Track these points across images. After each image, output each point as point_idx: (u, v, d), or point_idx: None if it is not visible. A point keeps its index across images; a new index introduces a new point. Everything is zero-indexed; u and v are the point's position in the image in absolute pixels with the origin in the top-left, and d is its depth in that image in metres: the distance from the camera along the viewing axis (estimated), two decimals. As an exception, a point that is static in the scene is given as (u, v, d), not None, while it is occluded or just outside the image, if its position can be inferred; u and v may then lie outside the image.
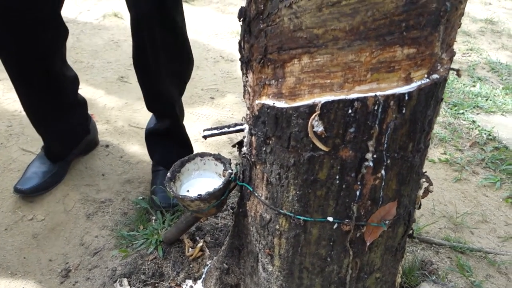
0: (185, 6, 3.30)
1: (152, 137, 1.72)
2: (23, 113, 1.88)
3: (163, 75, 1.49)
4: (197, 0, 3.47)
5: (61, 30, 1.48)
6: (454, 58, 2.53)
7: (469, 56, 2.98)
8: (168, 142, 1.70)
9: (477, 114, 2.33)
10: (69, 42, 2.67)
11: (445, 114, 2.30)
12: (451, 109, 2.35)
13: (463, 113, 2.31)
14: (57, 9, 1.41)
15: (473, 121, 2.25)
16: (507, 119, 2.30)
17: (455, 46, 2.93)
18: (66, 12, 2.97)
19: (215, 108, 2.28)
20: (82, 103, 1.77)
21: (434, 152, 2.05)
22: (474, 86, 2.60)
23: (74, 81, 1.68)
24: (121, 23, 2.99)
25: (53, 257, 1.45)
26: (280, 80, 0.82)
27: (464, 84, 2.60)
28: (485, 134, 2.16)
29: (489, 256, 1.55)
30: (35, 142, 1.90)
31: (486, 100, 2.45)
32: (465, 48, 3.08)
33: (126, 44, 2.76)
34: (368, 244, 0.92)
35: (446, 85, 2.25)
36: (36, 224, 1.55)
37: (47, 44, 1.43)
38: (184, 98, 2.25)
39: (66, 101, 1.64)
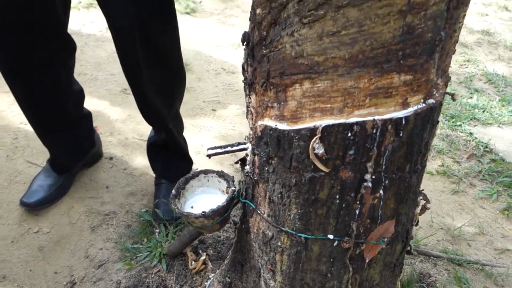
0: (187, 18, 3.36)
1: (152, 149, 1.75)
2: (29, 126, 1.91)
3: (149, 90, 1.50)
4: (199, 12, 3.52)
5: (64, 41, 1.51)
6: (451, 69, 2.57)
7: (466, 67, 3.02)
8: (167, 154, 1.73)
9: (474, 126, 2.36)
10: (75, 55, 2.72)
11: (442, 126, 2.34)
12: (448, 121, 2.38)
13: (460, 125, 2.35)
14: (57, 18, 1.42)
15: (470, 133, 2.29)
16: (503, 131, 2.33)
17: (453, 58, 2.97)
18: (70, 24, 3.01)
19: (216, 120, 2.32)
20: (87, 116, 1.80)
21: (432, 164, 2.08)
22: (471, 97, 2.64)
23: (80, 94, 1.72)
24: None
25: (58, 269, 1.47)
26: (282, 103, 0.85)
27: (461, 96, 2.64)
28: (482, 146, 2.20)
29: (486, 269, 1.58)
30: (41, 155, 1.93)
31: (483, 112, 2.49)
32: (462, 60, 3.12)
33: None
34: (367, 260, 0.95)
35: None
36: (41, 236, 1.58)
37: (49, 53, 1.45)
38: (186, 110, 2.30)
39: (72, 114, 1.67)
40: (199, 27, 3.30)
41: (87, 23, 3.09)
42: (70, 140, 1.71)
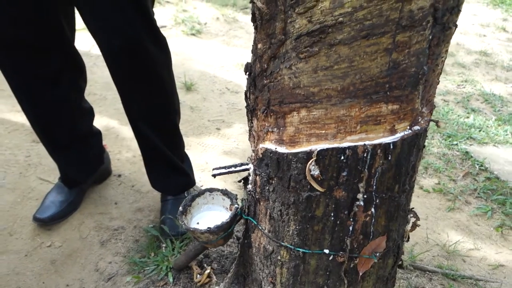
0: (193, 39, 3.47)
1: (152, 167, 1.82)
2: (40, 144, 2.00)
3: (133, 110, 1.62)
4: (204, 34, 3.64)
5: (71, 58, 1.59)
6: (450, 89, 2.66)
7: (464, 87, 3.10)
8: (165, 171, 1.79)
9: (470, 145, 2.44)
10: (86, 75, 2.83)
11: (439, 145, 2.41)
12: (445, 140, 2.46)
13: (457, 144, 2.42)
14: (63, 35, 1.49)
15: (467, 152, 2.36)
16: (499, 150, 2.41)
17: (451, 78, 3.06)
18: (80, 45, 3.12)
19: (221, 139, 2.40)
20: (97, 135, 1.89)
21: (429, 182, 2.15)
22: (468, 117, 2.72)
23: (90, 113, 1.80)
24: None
25: (70, 282, 1.55)
26: (281, 128, 0.94)
27: (458, 115, 2.72)
28: (477, 164, 2.27)
29: (480, 284, 1.64)
30: (53, 172, 2.02)
31: (479, 131, 2.56)
32: (460, 80, 3.21)
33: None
34: (361, 274, 1.02)
35: (442, 116, 2.38)
36: (54, 250, 1.66)
37: (56, 70, 1.52)
38: (191, 129, 2.39)
39: (82, 132, 1.76)
40: (204, 48, 3.41)
41: (95, 45, 3.20)
42: (79, 157, 1.79)
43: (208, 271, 1.50)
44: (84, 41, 3.22)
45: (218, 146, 2.34)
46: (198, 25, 3.74)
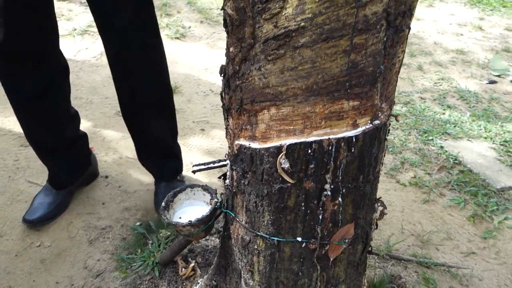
0: (177, 42, 3.54)
1: (145, 155, 1.94)
2: (29, 148, 2.06)
3: (138, 95, 1.70)
4: (188, 37, 3.70)
5: (59, 63, 1.68)
6: (427, 87, 2.76)
7: (440, 85, 3.21)
8: (162, 158, 1.93)
9: (445, 140, 2.54)
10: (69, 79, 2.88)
11: (415, 141, 2.51)
12: (421, 135, 2.56)
13: (432, 139, 2.52)
14: (46, 43, 1.57)
15: (441, 147, 2.46)
16: (472, 144, 2.51)
17: (428, 76, 3.17)
18: (66, 51, 3.17)
19: (205, 139, 2.47)
20: (83, 137, 1.95)
21: (405, 176, 2.24)
22: (443, 113, 2.82)
23: (76, 118, 1.86)
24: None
25: (59, 280, 1.60)
26: (254, 125, 1.01)
27: (434, 112, 2.82)
28: (452, 158, 2.37)
29: (452, 270, 1.73)
30: (41, 175, 2.07)
31: (454, 126, 2.67)
32: (437, 78, 3.31)
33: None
34: (331, 259, 1.10)
35: (418, 113, 2.47)
36: (43, 250, 1.71)
37: (46, 77, 1.60)
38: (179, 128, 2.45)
39: (69, 136, 1.82)
40: (188, 51, 3.48)
41: (81, 49, 3.26)
42: (67, 160, 1.86)
43: (192, 264, 1.57)
44: (70, 47, 3.28)
45: (202, 147, 2.41)
46: (182, 28, 3.81)
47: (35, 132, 1.71)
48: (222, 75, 1.09)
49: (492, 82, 3.33)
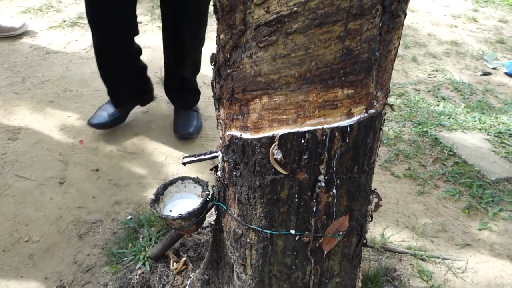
0: (168, 34, 3.47)
1: (171, 87, 2.37)
2: (17, 140, 2.02)
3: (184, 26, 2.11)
4: (180, 29, 3.65)
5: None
6: (421, 78, 2.74)
7: (435, 77, 3.19)
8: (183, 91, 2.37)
9: (440, 131, 2.52)
10: (58, 72, 2.83)
11: (410, 132, 2.49)
12: (416, 127, 2.54)
13: (427, 131, 2.50)
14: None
15: (436, 138, 2.44)
16: (467, 136, 2.49)
17: (422, 68, 3.15)
18: (55, 43, 3.12)
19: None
20: (144, 67, 2.32)
21: (400, 168, 2.22)
22: (438, 105, 2.80)
23: (139, 50, 2.25)
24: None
25: (48, 275, 1.57)
26: (245, 115, 0.98)
27: (429, 104, 2.80)
28: (446, 150, 2.35)
29: (447, 262, 1.71)
30: (29, 168, 2.03)
31: (449, 118, 2.65)
32: (431, 69, 3.29)
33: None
34: (325, 252, 1.08)
35: (413, 105, 2.45)
36: (31, 245, 1.68)
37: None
38: (168, 123, 2.42)
39: (134, 63, 2.25)
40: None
41: (71, 41, 3.20)
42: (129, 80, 2.25)
43: (184, 258, 1.54)
44: (60, 39, 3.22)
45: (195, 139, 2.37)
46: (174, 20, 3.74)
47: (109, 57, 2.13)
48: (213, 63, 1.05)
49: (486, 73, 3.31)
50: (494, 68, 3.42)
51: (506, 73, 3.36)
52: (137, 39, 2.19)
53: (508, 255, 1.78)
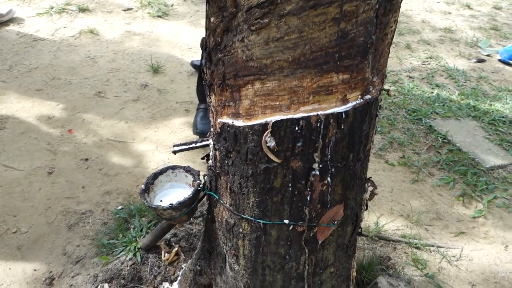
0: (159, 21, 3.43)
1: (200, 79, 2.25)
2: (3, 130, 1.98)
3: None
4: (171, 15, 3.59)
5: None
6: (415, 66, 2.71)
7: (429, 64, 3.16)
8: None
9: (434, 119, 2.50)
10: (46, 59, 2.77)
11: (404, 120, 2.47)
12: (410, 115, 2.52)
13: (421, 118, 2.48)
14: None
15: (430, 126, 2.42)
16: (461, 123, 2.48)
17: (416, 55, 3.12)
18: (43, 30, 3.05)
19: (189, 121, 2.40)
20: None
21: (394, 156, 2.20)
22: (432, 92, 2.78)
23: None
24: (96, 39, 3.08)
25: (37, 266, 1.54)
26: (237, 102, 0.95)
27: (423, 91, 2.78)
28: (440, 138, 2.33)
29: (442, 250, 1.70)
30: (17, 158, 1.99)
31: (443, 105, 2.63)
32: (425, 56, 3.27)
33: (103, 60, 2.86)
34: (320, 242, 1.05)
35: (407, 92, 2.43)
36: (20, 236, 1.64)
37: None
38: (158, 111, 2.38)
39: None
40: (171, 30, 3.37)
41: (59, 28, 3.13)
42: None
43: (176, 249, 1.51)
44: (48, 26, 3.15)
45: (186, 128, 2.34)
46: (165, 7, 3.68)
47: None
48: (203, 48, 1.01)
49: (480, 60, 3.29)
50: (488, 55, 3.40)
51: (500, 60, 3.34)
52: (127, 27, 2.13)
53: (503, 243, 1.77)
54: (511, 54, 3.29)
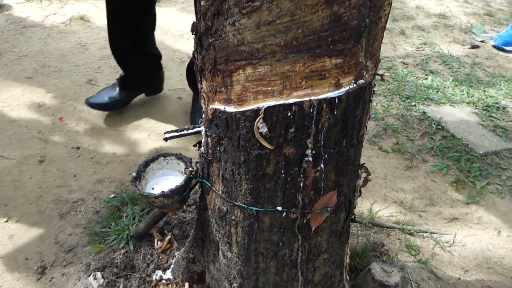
0: (150, 7, 3.36)
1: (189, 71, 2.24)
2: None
3: None
4: (163, 2, 3.54)
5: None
6: (409, 52, 2.69)
7: (423, 50, 3.15)
8: None
9: (428, 105, 2.49)
10: (36, 47, 2.73)
11: (398, 107, 2.46)
12: (404, 101, 2.51)
13: (415, 105, 2.47)
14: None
15: (424, 112, 2.41)
16: (455, 109, 2.47)
17: (410, 41, 3.10)
18: (33, 16, 3.00)
19: (182, 108, 2.38)
20: (158, 55, 2.28)
21: (388, 143, 2.20)
22: (426, 79, 2.77)
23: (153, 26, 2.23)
24: (87, 26, 3.04)
25: (29, 255, 1.52)
26: (229, 87, 0.93)
27: (417, 77, 2.77)
28: (434, 124, 2.33)
29: (435, 236, 1.70)
30: (7, 147, 1.96)
31: (437, 92, 2.62)
32: (419, 42, 3.25)
33: (94, 47, 2.82)
34: (313, 229, 1.05)
35: (401, 78, 2.41)
36: (11, 225, 1.62)
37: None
38: (151, 99, 2.35)
39: (146, 48, 2.19)
40: (163, 16, 3.32)
41: (49, 15, 3.08)
42: (143, 64, 2.20)
43: (169, 237, 1.50)
44: (37, 13, 3.10)
45: (179, 116, 2.32)
46: (157, -7, 3.63)
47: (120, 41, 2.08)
48: (194, 32, 0.99)
49: (474, 46, 3.28)
50: (482, 41, 3.39)
51: (494, 46, 3.33)
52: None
53: (496, 228, 1.78)
54: (505, 40, 3.28)
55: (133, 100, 2.31)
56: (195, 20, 0.99)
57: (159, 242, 1.50)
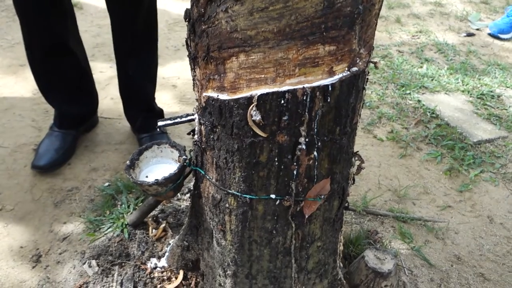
0: (144, -6, 3.32)
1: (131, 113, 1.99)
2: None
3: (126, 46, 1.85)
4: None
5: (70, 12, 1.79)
6: (405, 40, 2.69)
7: (418, 38, 3.14)
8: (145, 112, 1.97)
9: (423, 94, 2.49)
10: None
11: (393, 95, 2.46)
12: (399, 89, 2.51)
13: (409, 93, 2.47)
14: None
15: (419, 101, 2.42)
16: (449, 98, 2.47)
17: (406, 29, 3.09)
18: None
19: (177, 96, 2.37)
20: (91, 82, 1.98)
21: (382, 131, 2.20)
22: (421, 67, 2.77)
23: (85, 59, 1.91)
24: (81, 13, 3.01)
25: (24, 244, 1.52)
26: (222, 75, 0.92)
27: (412, 66, 2.77)
28: (429, 112, 2.33)
29: (428, 224, 1.72)
30: (1, 135, 1.95)
31: (432, 80, 2.62)
32: (415, 30, 3.24)
33: (87, 35, 2.79)
34: (306, 216, 1.05)
35: (396, 66, 2.41)
36: (5, 214, 1.62)
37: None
38: (145, 87, 2.33)
39: (78, 74, 1.85)
40: (158, 3, 3.29)
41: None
42: (75, 95, 1.88)
43: (163, 225, 1.51)
44: None
45: (174, 104, 2.31)
46: (151, -20, 3.59)
47: (47, 72, 1.76)
48: (187, 19, 0.98)
49: (470, 34, 3.28)
50: (477, 29, 3.38)
51: (490, 34, 3.33)
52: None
53: (489, 216, 1.79)
54: (501, 28, 3.28)
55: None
56: (188, 7, 0.99)
57: (153, 230, 1.50)
